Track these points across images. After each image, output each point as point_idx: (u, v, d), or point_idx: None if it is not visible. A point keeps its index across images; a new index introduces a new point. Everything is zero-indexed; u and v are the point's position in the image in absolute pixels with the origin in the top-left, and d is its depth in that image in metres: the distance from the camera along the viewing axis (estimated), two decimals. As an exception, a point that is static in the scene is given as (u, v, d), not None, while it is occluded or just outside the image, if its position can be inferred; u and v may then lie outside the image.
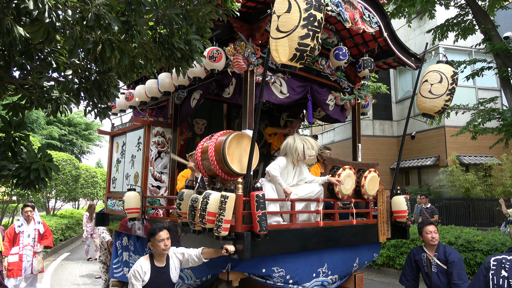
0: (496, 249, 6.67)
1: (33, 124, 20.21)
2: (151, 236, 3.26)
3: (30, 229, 5.76)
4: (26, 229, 5.73)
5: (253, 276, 3.71)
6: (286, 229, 3.73)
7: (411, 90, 15.51)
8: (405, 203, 4.70)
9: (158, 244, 3.24)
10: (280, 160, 4.13)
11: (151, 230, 3.28)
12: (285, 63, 2.98)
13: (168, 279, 3.28)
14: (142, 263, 3.25)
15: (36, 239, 5.77)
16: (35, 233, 5.78)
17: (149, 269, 3.23)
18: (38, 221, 5.87)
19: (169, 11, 2.08)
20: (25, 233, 5.71)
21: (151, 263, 3.26)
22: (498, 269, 2.72)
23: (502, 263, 2.71)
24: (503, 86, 9.76)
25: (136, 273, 3.18)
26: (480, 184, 12.78)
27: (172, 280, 3.32)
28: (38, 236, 5.80)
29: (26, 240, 5.67)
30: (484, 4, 10.24)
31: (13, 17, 1.73)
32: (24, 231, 5.70)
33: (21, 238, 5.65)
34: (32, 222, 5.82)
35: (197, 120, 6.33)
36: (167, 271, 3.28)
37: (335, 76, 5.29)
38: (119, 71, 2.40)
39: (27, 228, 5.74)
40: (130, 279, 3.20)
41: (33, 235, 5.75)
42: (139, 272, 3.18)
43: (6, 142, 2.02)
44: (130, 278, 3.21)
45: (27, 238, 5.68)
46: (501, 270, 2.70)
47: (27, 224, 5.77)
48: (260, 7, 4.03)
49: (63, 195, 13.47)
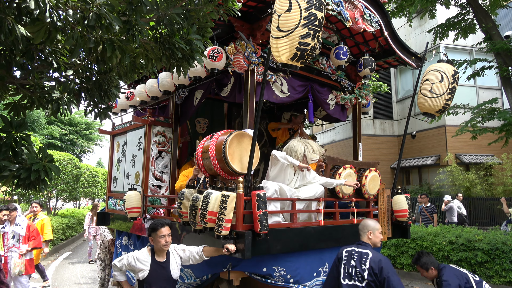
0: (497, 248, 6.66)
1: (34, 124, 20.23)
2: (153, 231, 3.25)
3: (12, 229, 5.72)
4: (10, 231, 5.68)
5: (254, 275, 3.72)
6: (287, 228, 3.73)
7: (411, 89, 15.49)
8: (405, 202, 4.70)
9: (159, 240, 3.23)
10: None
11: (153, 225, 3.26)
12: (286, 62, 2.98)
13: (168, 275, 3.25)
14: (141, 254, 3.25)
15: (21, 240, 5.71)
16: (18, 235, 5.72)
17: (149, 262, 3.20)
18: (17, 222, 5.77)
19: (170, 11, 2.08)
20: (9, 234, 5.68)
21: (152, 256, 3.25)
22: (348, 259, 3.10)
23: (352, 254, 3.09)
24: (504, 85, 9.75)
25: (129, 258, 3.21)
26: (481, 183, 12.77)
27: (173, 276, 3.28)
28: (22, 238, 5.72)
29: (11, 242, 5.65)
30: (485, 3, 10.22)
31: (14, 16, 1.73)
32: (8, 232, 5.67)
33: (5, 240, 5.64)
34: (14, 224, 5.75)
35: (199, 119, 6.33)
36: (168, 266, 3.27)
37: (336, 75, 5.29)
38: (120, 71, 2.40)
39: (10, 228, 5.70)
40: (123, 257, 3.24)
41: (17, 236, 5.71)
42: (133, 260, 3.20)
43: (7, 142, 2.02)
44: (124, 256, 3.24)
45: (11, 240, 5.66)
46: (350, 260, 3.08)
47: (10, 225, 5.72)
48: (261, 6, 4.03)
49: (64, 194, 13.49)
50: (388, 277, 2.84)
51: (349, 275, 3.01)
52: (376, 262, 2.92)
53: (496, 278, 6.60)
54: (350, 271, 3.02)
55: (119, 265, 3.29)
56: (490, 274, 6.66)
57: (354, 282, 2.96)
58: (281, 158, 3.96)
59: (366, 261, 2.96)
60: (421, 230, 7.93)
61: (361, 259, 3.00)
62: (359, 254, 3.04)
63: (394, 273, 2.90)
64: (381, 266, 2.89)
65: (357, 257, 3.03)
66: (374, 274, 2.89)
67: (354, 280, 2.97)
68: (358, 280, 2.94)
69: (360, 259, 3.00)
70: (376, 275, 2.88)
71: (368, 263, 2.94)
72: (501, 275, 6.58)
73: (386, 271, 2.87)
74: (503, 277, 6.57)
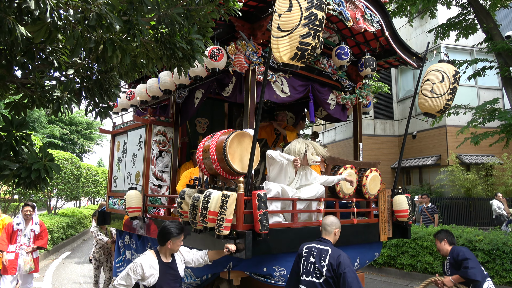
0: (498, 249, 6.66)
1: (34, 123, 20.24)
2: (174, 237, 3.17)
3: (27, 229, 5.81)
4: (24, 229, 5.77)
5: (254, 275, 3.72)
6: (287, 228, 3.73)
7: (412, 90, 15.48)
8: (406, 202, 4.70)
9: (178, 244, 3.21)
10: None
11: (176, 230, 3.19)
12: (287, 62, 2.97)
13: (177, 274, 3.23)
14: (148, 259, 3.14)
15: (31, 239, 5.81)
16: (31, 234, 5.82)
17: (157, 265, 3.14)
18: (35, 221, 5.90)
19: (171, 11, 2.08)
20: (23, 232, 5.75)
21: (158, 258, 3.19)
22: (308, 256, 3.09)
23: (312, 250, 3.09)
24: (505, 85, 9.74)
25: (137, 267, 3.07)
26: (481, 183, 12.76)
27: (180, 274, 3.27)
28: (33, 236, 5.84)
29: (23, 240, 5.73)
30: (486, 3, 10.21)
31: (15, 16, 1.73)
32: (22, 230, 5.74)
33: (19, 237, 5.71)
34: (30, 222, 5.85)
35: (199, 119, 6.33)
36: (175, 265, 3.25)
37: (337, 75, 5.28)
38: (120, 71, 2.40)
39: (24, 227, 5.78)
40: (128, 271, 3.08)
41: (29, 235, 5.80)
42: (141, 267, 3.07)
43: (8, 141, 2.02)
44: (128, 269, 3.09)
45: (23, 238, 5.74)
46: (310, 257, 3.08)
47: (25, 224, 5.81)
48: (262, 6, 4.02)
49: (65, 194, 13.50)
50: (345, 273, 2.81)
51: (307, 271, 3.01)
52: (335, 258, 2.90)
53: (497, 278, 6.59)
54: (308, 267, 3.02)
55: (127, 283, 3.10)
56: (491, 274, 6.65)
57: (312, 278, 2.96)
58: (276, 157, 3.95)
59: (326, 258, 2.95)
60: (422, 230, 7.93)
61: (321, 256, 2.99)
62: (319, 251, 3.02)
63: (351, 269, 2.87)
64: (339, 262, 2.87)
65: (317, 253, 3.02)
66: (333, 270, 2.87)
67: (311, 276, 2.97)
68: (315, 276, 2.94)
69: (320, 256, 2.99)
70: (334, 271, 2.87)
71: (328, 259, 2.93)
72: (502, 275, 6.58)
73: (343, 267, 2.84)
74: (503, 277, 6.57)
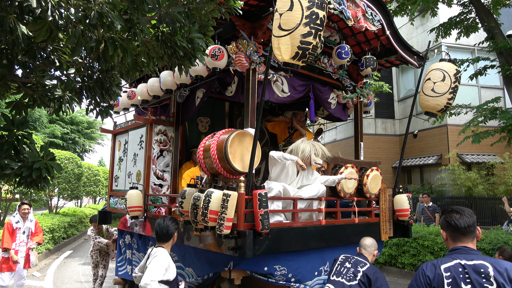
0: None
1: (35, 123, 20.25)
2: (176, 230, 3.23)
3: (25, 226, 5.98)
4: (22, 226, 5.93)
5: (255, 275, 3.72)
6: (288, 228, 3.72)
7: (413, 89, 15.45)
8: (407, 201, 4.70)
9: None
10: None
11: (175, 224, 3.23)
12: (288, 61, 2.97)
13: None
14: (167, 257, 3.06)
15: (29, 236, 6.00)
16: (29, 231, 6.01)
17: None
18: (31, 219, 6.08)
19: (171, 10, 2.08)
20: (21, 229, 5.91)
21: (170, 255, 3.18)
22: (344, 261, 3.16)
23: (349, 258, 3.17)
24: (506, 85, 9.71)
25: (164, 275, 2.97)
26: (483, 182, 12.73)
27: None
28: (31, 233, 6.03)
29: (22, 237, 5.89)
30: (487, 2, 10.18)
31: (16, 15, 1.73)
32: (20, 228, 5.90)
33: (18, 235, 5.86)
34: (27, 220, 6.02)
35: (201, 118, 6.33)
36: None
37: (337, 75, 5.27)
38: (121, 70, 2.41)
39: (23, 225, 5.95)
40: (162, 270, 2.94)
41: (27, 232, 5.99)
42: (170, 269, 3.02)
43: (9, 140, 2.02)
44: (161, 268, 2.94)
45: (22, 235, 5.90)
46: (346, 262, 3.15)
47: (23, 222, 5.97)
48: (263, 5, 4.02)
49: (66, 193, 13.51)
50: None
51: (339, 273, 3.09)
52: (372, 273, 3.02)
53: (498, 277, 6.57)
54: (341, 270, 3.10)
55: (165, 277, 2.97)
56: (492, 273, 6.64)
57: (341, 279, 3.04)
58: (278, 158, 3.97)
59: (362, 268, 3.06)
60: (423, 230, 7.92)
61: (357, 265, 3.09)
62: (356, 260, 3.13)
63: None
64: (377, 276, 2.99)
65: (353, 262, 3.12)
66: (368, 279, 2.98)
67: (342, 277, 3.05)
68: (346, 279, 3.01)
69: (356, 265, 3.09)
70: (369, 281, 2.97)
71: (363, 270, 3.04)
72: (503, 274, 6.56)
73: (380, 282, 2.96)
74: (504, 276, 6.55)
